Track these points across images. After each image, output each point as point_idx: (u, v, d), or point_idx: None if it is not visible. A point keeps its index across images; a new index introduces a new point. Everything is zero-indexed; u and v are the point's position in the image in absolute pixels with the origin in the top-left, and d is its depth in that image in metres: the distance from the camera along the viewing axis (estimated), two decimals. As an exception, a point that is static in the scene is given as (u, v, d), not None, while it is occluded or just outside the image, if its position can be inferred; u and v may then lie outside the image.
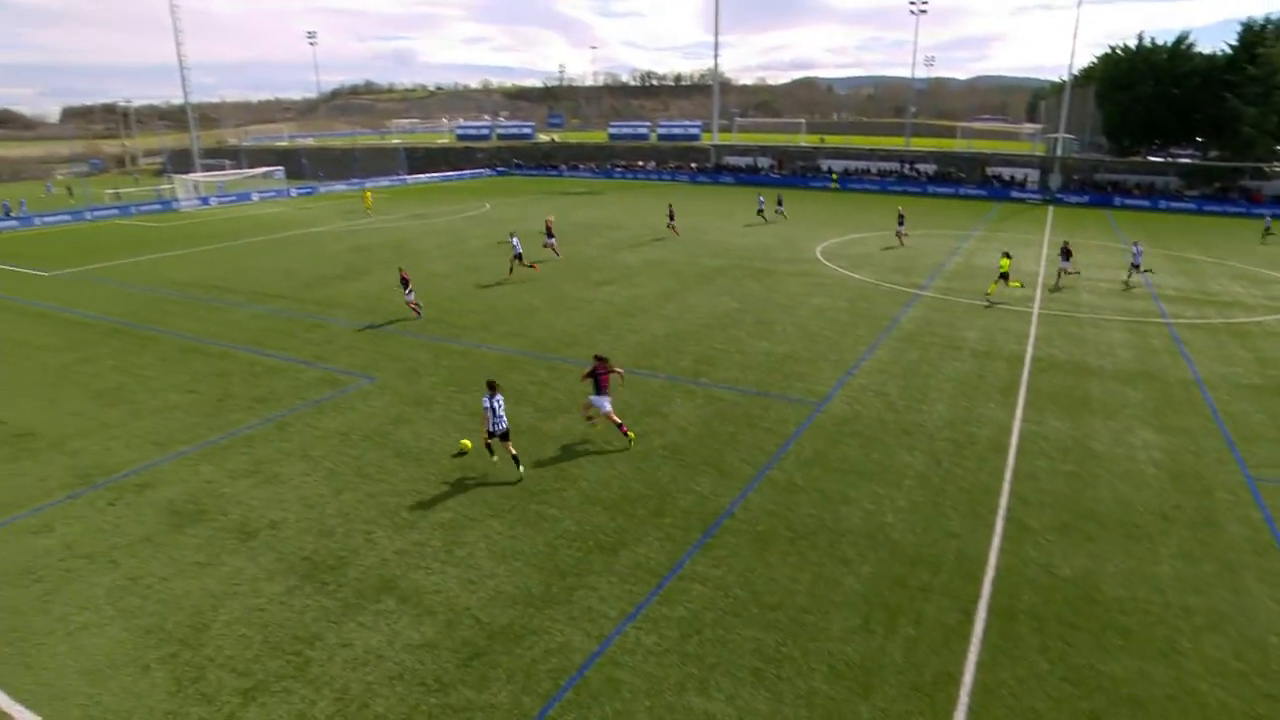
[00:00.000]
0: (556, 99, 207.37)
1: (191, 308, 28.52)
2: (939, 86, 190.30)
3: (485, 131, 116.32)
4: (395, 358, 21.64)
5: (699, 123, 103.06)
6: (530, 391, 18.82)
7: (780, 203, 53.06)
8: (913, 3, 76.95)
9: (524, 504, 13.66)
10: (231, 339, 23.99)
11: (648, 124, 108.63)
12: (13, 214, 63.89)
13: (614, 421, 15.71)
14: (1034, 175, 68.07)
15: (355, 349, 22.55)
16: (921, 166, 73.30)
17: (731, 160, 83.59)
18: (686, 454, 15.48)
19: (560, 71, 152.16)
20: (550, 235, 36.42)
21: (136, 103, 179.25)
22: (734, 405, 17.88)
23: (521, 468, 14.78)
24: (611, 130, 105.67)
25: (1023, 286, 29.47)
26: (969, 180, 69.79)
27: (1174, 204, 60.36)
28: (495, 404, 14.39)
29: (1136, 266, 31.17)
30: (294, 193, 76.56)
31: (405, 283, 26.08)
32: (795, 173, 77.83)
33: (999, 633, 10.43)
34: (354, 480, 14.60)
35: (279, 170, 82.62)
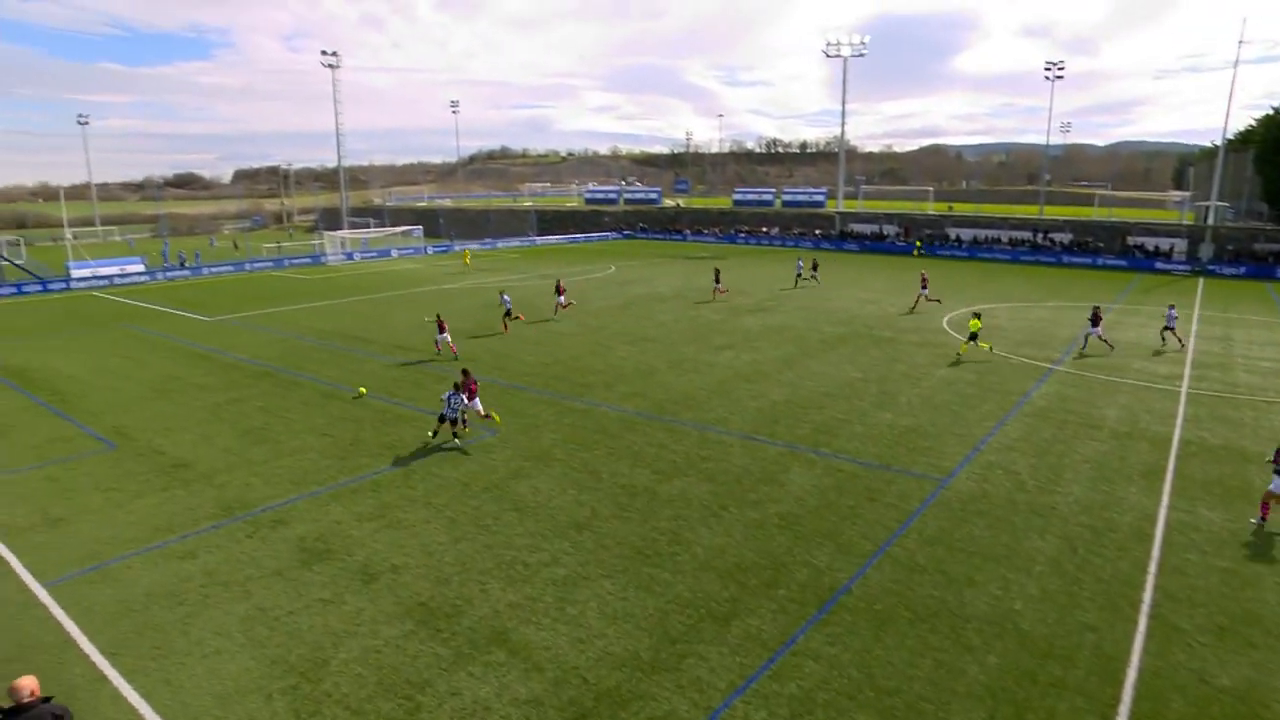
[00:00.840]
0: (683, 165, 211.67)
1: (332, 355, 30.33)
2: (1076, 153, 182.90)
3: (613, 196, 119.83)
4: (518, 413, 22.23)
5: (824, 190, 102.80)
6: (648, 453, 18.89)
7: (815, 268, 52.95)
8: (1048, 68, 74.99)
9: (637, 566, 13.61)
10: (367, 386, 25.28)
11: (772, 191, 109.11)
12: (187, 264, 70.21)
13: (480, 413, 20.35)
14: (1181, 245, 64.09)
15: (482, 402, 23.25)
16: (1056, 236, 70.30)
17: (856, 228, 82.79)
18: (803, 525, 15.10)
19: (687, 138, 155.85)
20: (560, 293, 39.10)
21: (296, 166, 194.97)
22: (854, 477, 17.37)
23: (458, 440, 19.88)
24: (736, 196, 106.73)
25: (991, 350, 29.80)
26: (1108, 250, 66.40)
27: (1348, 280, 55.44)
28: (452, 399, 19.48)
29: (1170, 329, 31.19)
30: (430, 250, 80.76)
31: (441, 327, 29.81)
32: (922, 240, 76.32)
33: (1144, 743, 9.53)
34: (472, 530, 14.96)
35: (418, 229, 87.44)
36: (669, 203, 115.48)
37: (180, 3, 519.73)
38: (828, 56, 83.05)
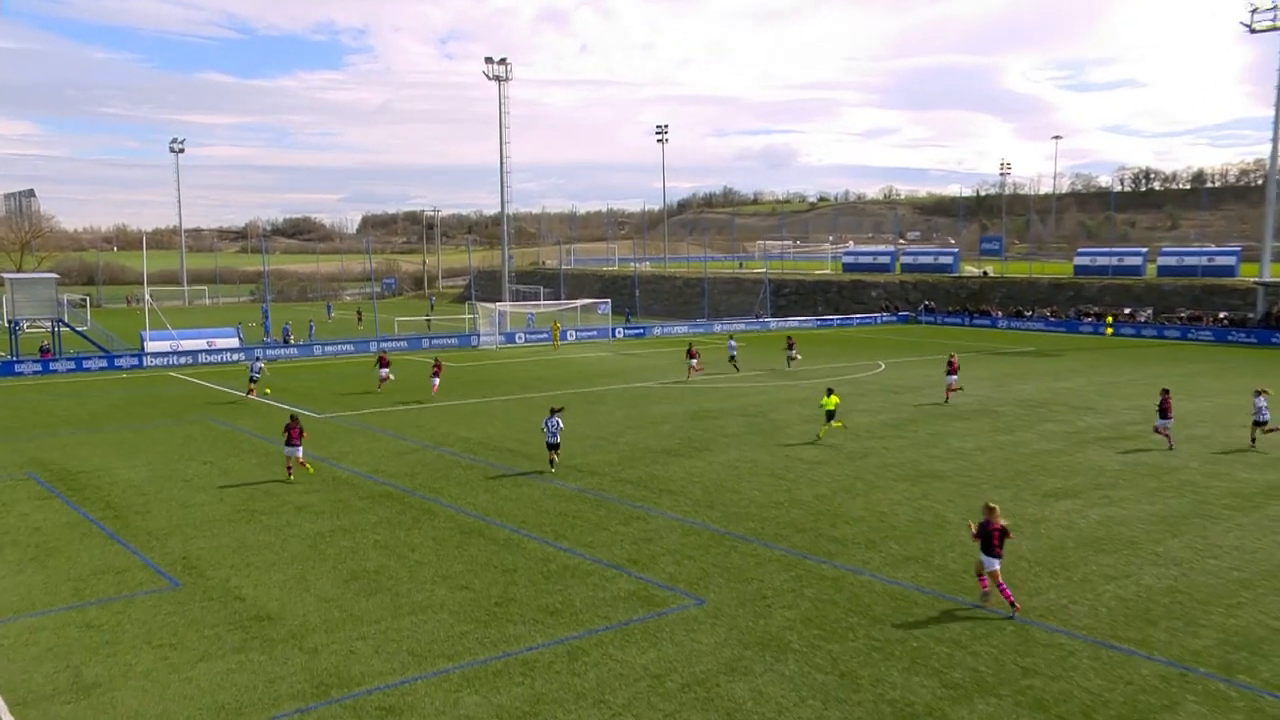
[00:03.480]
0: (992, 214, 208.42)
1: (479, 475, 31.65)
2: None
3: (885, 260, 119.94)
4: (737, 574, 21.90)
5: (1235, 249, 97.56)
6: (935, 653, 17.83)
7: (791, 346, 58.06)
8: None
9: (918, 834, 12.61)
10: (523, 522, 25.97)
11: (1142, 251, 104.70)
12: (292, 340, 76.65)
13: (302, 462, 30.91)
14: None
15: (683, 555, 23.22)
16: None
17: (1297, 308, 76.93)
18: (1202, 796, 13.48)
19: (1002, 174, 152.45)
20: (384, 365, 51.85)
21: (443, 212, 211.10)
22: (1292, 724, 15.43)
23: (554, 469, 31.44)
24: (1079, 260, 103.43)
25: (845, 427, 38.09)
26: None
27: None
28: (553, 424, 31.30)
29: (1261, 424, 35.35)
30: (620, 333, 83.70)
31: (383, 363, 45.43)
32: (1115, 317, 69.54)
33: None
34: (664, 750, 14.58)
35: (604, 304, 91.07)
36: (971, 269, 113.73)
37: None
38: (1251, 31, 77.83)
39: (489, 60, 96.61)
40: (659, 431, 39.19)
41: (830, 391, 37.39)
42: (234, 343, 70.47)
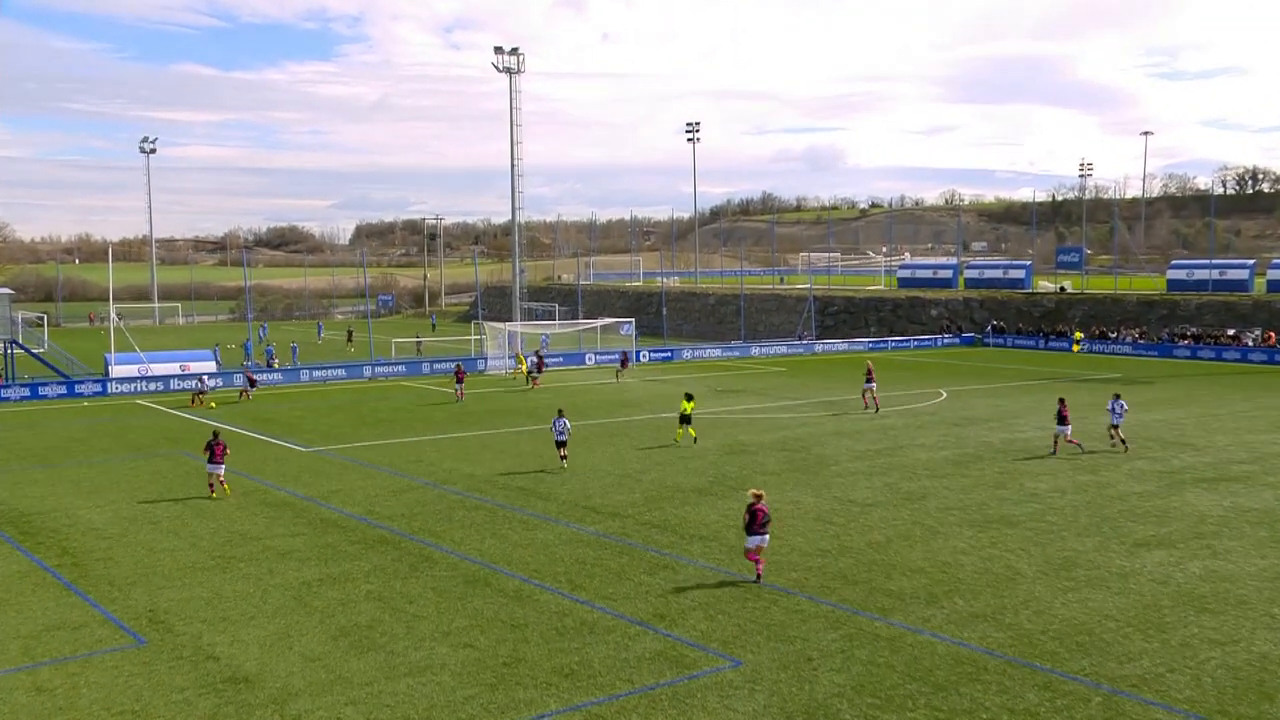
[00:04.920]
0: (1070, 222, 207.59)
1: (485, 517, 31.68)
2: None
3: (946, 274, 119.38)
4: (778, 632, 21.74)
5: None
6: (1007, 723, 17.62)
7: (624, 363, 69.95)
8: None
9: None
10: (535, 571, 25.91)
11: (1248, 263, 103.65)
12: (276, 363, 76.97)
13: (222, 481, 33.97)
14: None
15: (716, 609, 23.08)
16: None
17: None
18: None
19: (1081, 175, 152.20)
20: (251, 384, 60.22)
21: (447, 220, 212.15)
22: None
23: (565, 465, 38.28)
24: (1173, 274, 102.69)
25: (696, 440, 44.21)
26: None
27: None
28: (560, 424, 37.99)
29: (1115, 428, 42.05)
30: (645, 356, 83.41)
31: (251, 382, 51.12)
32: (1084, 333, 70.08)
33: None
34: (696, 836, 14.43)
35: (627, 323, 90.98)
36: (1046, 285, 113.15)
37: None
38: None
39: (499, 50, 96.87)
40: (688, 468, 39.10)
41: (689, 397, 44.73)
42: (210, 366, 70.61)
